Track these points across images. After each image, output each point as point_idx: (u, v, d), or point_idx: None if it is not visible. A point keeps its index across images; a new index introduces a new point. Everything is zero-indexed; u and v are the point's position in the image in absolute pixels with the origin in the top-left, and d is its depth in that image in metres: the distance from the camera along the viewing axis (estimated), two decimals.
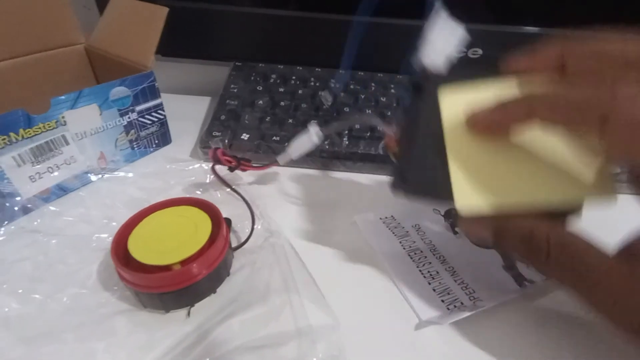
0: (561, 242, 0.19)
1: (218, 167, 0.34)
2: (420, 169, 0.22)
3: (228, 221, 0.30)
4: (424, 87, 0.23)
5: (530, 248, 0.20)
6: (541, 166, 0.21)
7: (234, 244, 0.28)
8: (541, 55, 0.21)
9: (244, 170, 0.34)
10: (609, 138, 0.17)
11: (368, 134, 0.38)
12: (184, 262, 0.24)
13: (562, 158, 0.21)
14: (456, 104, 0.22)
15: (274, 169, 0.38)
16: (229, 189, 0.34)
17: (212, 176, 0.36)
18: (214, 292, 0.26)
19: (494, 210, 0.21)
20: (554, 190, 0.20)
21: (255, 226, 0.30)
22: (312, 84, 0.44)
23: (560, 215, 0.21)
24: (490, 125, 0.21)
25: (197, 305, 0.25)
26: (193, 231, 0.26)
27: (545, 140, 0.21)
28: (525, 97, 0.20)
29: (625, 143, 0.17)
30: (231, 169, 0.33)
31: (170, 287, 0.23)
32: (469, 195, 0.21)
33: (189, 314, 0.25)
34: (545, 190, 0.20)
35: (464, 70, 0.23)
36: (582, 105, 0.18)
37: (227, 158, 0.32)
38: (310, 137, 0.30)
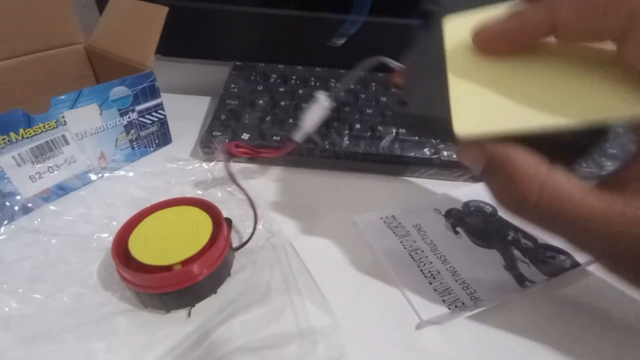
0: (553, 192, 0.17)
1: (212, 163, 0.33)
2: (421, 96, 0.21)
3: (229, 221, 0.30)
4: (433, 16, 0.22)
5: (517, 193, 0.18)
6: (553, 87, 0.18)
7: (235, 244, 0.28)
8: None
9: (264, 157, 0.33)
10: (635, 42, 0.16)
11: (369, 134, 0.38)
12: (185, 263, 0.24)
13: (577, 77, 0.18)
14: (462, 25, 0.20)
15: (273, 168, 0.38)
16: (229, 189, 0.34)
17: (211, 175, 0.36)
18: (215, 292, 0.26)
19: (496, 133, 0.18)
20: (570, 112, 0.17)
21: (256, 226, 0.29)
22: (313, 83, 0.44)
23: (570, 151, 0.19)
24: (502, 37, 0.19)
25: (197, 305, 0.25)
26: (194, 231, 0.26)
27: (558, 58, 0.19)
28: (544, 3, 0.18)
29: None
30: (251, 159, 0.33)
31: (171, 288, 0.23)
32: (468, 116, 0.19)
33: (189, 314, 0.25)
34: (558, 112, 0.18)
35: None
36: (607, 4, 0.16)
37: (242, 150, 0.31)
38: (320, 103, 0.29)
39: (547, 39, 0.18)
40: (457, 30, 0.21)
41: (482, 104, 0.19)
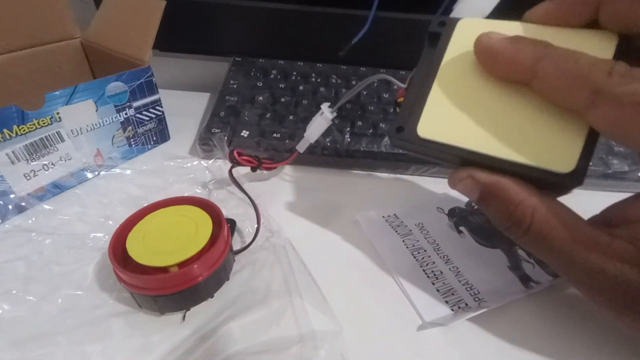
0: (544, 219, 0.19)
1: (211, 160, 0.33)
2: (415, 121, 0.22)
3: (232, 222, 0.29)
4: (440, 34, 0.22)
5: (511, 219, 0.20)
6: (516, 123, 0.20)
7: (234, 244, 0.28)
8: (572, 4, 0.20)
9: (267, 169, 0.33)
10: (594, 114, 0.17)
11: (370, 131, 0.37)
12: (182, 264, 0.23)
13: (533, 121, 0.20)
14: (473, 29, 0.21)
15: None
16: (229, 187, 0.33)
17: (210, 173, 0.35)
18: (212, 296, 0.25)
19: (449, 145, 0.21)
20: (517, 149, 0.20)
21: (255, 226, 0.29)
22: (313, 79, 0.43)
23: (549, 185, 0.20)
24: (495, 57, 0.20)
25: (196, 307, 0.25)
26: (193, 232, 0.25)
27: (529, 99, 0.20)
28: (539, 42, 0.19)
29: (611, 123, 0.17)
30: (253, 169, 0.33)
31: (165, 290, 0.23)
32: (433, 124, 0.21)
33: (184, 318, 0.24)
34: (510, 147, 0.20)
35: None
36: (583, 74, 0.17)
37: (246, 158, 0.32)
38: (325, 116, 0.30)
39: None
40: (466, 33, 0.22)
41: (448, 118, 0.21)
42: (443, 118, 0.21)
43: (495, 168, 0.20)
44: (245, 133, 0.37)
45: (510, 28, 0.21)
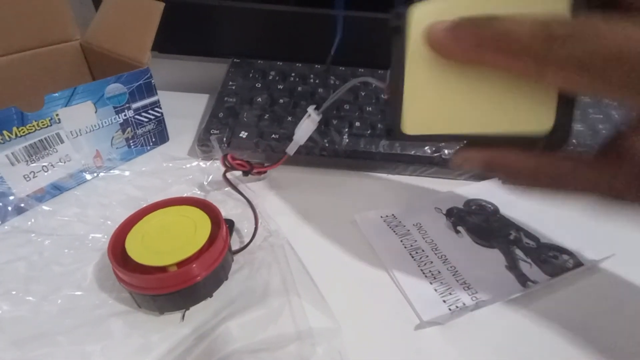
0: (550, 164, 0.20)
1: (210, 161, 0.33)
2: (399, 116, 0.22)
3: (230, 223, 0.29)
4: (402, 26, 0.22)
5: (520, 179, 0.21)
6: (489, 98, 0.20)
7: (233, 244, 0.28)
8: None
9: (258, 173, 0.34)
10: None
11: (369, 132, 0.37)
12: (181, 264, 0.23)
13: (509, 90, 0.20)
14: (422, 20, 0.21)
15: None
16: (227, 188, 0.34)
17: (209, 174, 0.35)
18: (210, 296, 0.25)
19: (435, 134, 0.22)
20: (496, 122, 0.20)
21: (253, 226, 0.29)
22: (312, 80, 0.44)
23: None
24: (442, 47, 0.20)
25: (195, 306, 0.25)
26: (192, 232, 0.25)
27: (494, 73, 0.20)
28: (479, 22, 0.18)
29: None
30: (245, 173, 0.34)
31: (164, 290, 0.23)
32: (415, 119, 0.22)
33: (183, 317, 0.24)
34: (489, 121, 0.21)
35: None
36: (524, 48, 0.17)
37: (239, 162, 0.32)
38: (313, 118, 0.31)
39: None
40: (420, 22, 0.21)
41: (427, 110, 0.21)
42: (421, 111, 0.22)
43: (485, 142, 0.21)
44: (243, 134, 0.37)
45: (459, 5, 0.20)
